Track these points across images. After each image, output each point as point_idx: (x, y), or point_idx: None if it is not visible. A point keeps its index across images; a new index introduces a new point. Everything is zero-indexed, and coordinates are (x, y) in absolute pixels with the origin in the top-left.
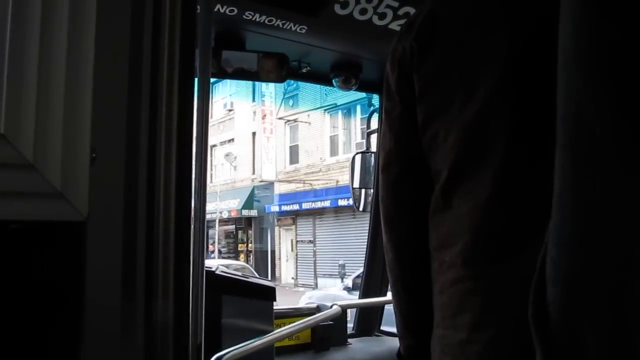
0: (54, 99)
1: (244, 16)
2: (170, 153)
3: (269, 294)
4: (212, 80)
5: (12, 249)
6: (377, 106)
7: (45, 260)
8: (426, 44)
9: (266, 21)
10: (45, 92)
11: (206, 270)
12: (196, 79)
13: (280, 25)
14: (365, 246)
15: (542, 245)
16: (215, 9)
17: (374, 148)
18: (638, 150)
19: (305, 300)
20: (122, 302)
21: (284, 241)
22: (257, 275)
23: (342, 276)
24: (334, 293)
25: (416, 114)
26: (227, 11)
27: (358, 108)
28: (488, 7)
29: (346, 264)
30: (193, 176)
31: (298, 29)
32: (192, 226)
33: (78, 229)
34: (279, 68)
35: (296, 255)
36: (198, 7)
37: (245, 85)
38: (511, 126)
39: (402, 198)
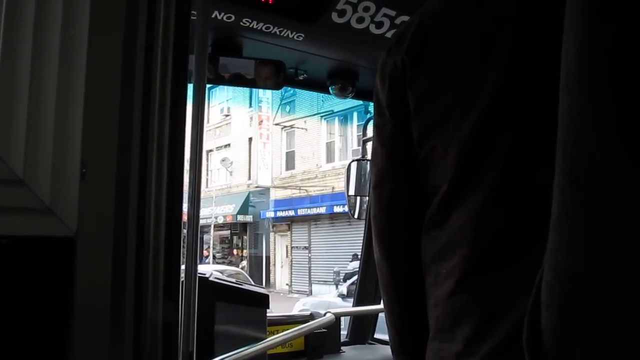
0: (44, 114)
1: (241, 23)
2: (162, 167)
3: (263, 301)
4: (209, 85)
5: (1, 263)
6: (373, 114)
7: (35, 275)
8: (418, 58)
9: (263, 28)
10: (35, 107)
11: (199, 277)
12: (192, 85)
13: (277, 33)
14: (360, 253)
15: (540, 258)
16: (213, 16)
17: (369, 156)
18: (638, 176)
19: (299, 306)
20: (112, 316)
21: (278, 247)
22: (252, 281)
23: (337, 283)
24: (329, 300)
25: (408, 130)
26: (224, 18)
27: (355, 115)
28: (481, 20)
29: (341, 271)
30: (187, 183)
31: (295, 37)
32: (185, 233)
33: (67, 244)
34: (276, 75)
35: (291, 261)
36: (194, 13)
37: (242, 90)
38: (510, 137)
39: (395, 215)
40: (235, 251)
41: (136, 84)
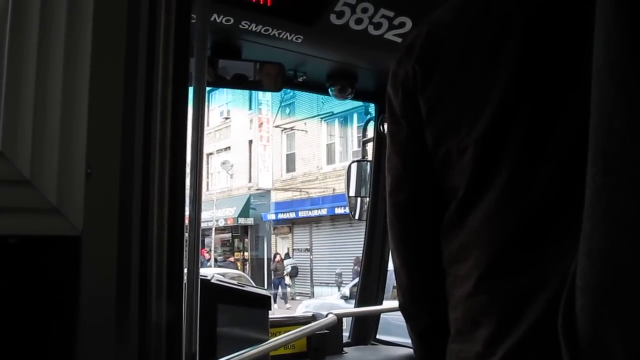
0: (50, 116)
1: (240, 26)
2: (164, 167)
3: (265, 302)
4: (209, 88)
5: (9, 262)
6: (373, 115)
7: (42, 274)
8: (429, 66)
9: (262, 31)
10: (41, 109)
11: (201, 279)
12: (192, 88)
13: (276, 35)
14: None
15: (553, 258)
16: (212, 19)
17: (369, 156)
18: None
19: (302, 309)
20: (116, 315)
21: (280, 249)
22: (254, 284)
23: (339, 285)
24: (331, 302)
25: (422, 136)
26: (223, 21)
27: (355, 116)
28: (488, 25)
29: (343, 273)
30: (188, 185)
31: (294, 39)
32: (187, 235)
33: (73, 243)
34: (275, 77)
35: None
36: (193, 16)
37: (241, 93)
38: (519, 137)
39: (410, 221)
40: (278, 256)
41: (138, 86)
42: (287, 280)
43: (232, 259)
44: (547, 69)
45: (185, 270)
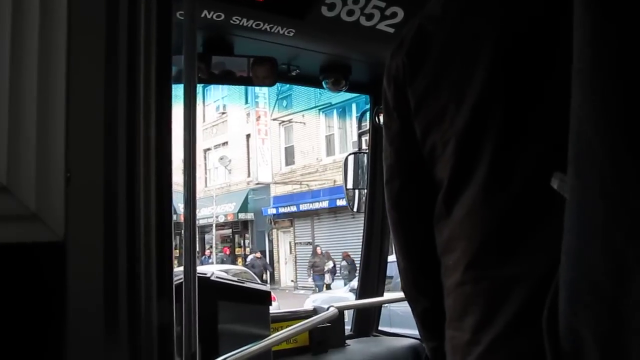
0: (25, 119)
1: (231, 21)
2: (150, 167)
3: (264, 298)
4: (204, 84)
5: None
6: (368, 106)
7: (24, 282)
8: (417, 59)
9: (253, 25)
10: (15, 112)
11: (201, 277)
12: (183, 86)
13: (268, 29)
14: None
15: (536, 248)
16: (202, 15)
17: (366, 148)
18: (630, 160)
19: (309, 303)
20: (105, 320)
21: (282, 244)
22: (257, 279)
23: (345, 277)
24: (340, 295)
25: (413, 128)
26: (214, 17)
27: (353, 107)
28: (471, 24)
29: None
30: (182, 184)
31: (286, 32)
32: (182, 235)
33: (56, 249)
34: (268, 72)
35: (295, 257)
36: (181, 12)
37: (237, 87)
38: (496, 132)
39: (406, 208)
40: (318, 248)
41: (120, 84)
42: (327, 277)
43: (258, 254)
44: (521, 68)
45: (182, 269)
